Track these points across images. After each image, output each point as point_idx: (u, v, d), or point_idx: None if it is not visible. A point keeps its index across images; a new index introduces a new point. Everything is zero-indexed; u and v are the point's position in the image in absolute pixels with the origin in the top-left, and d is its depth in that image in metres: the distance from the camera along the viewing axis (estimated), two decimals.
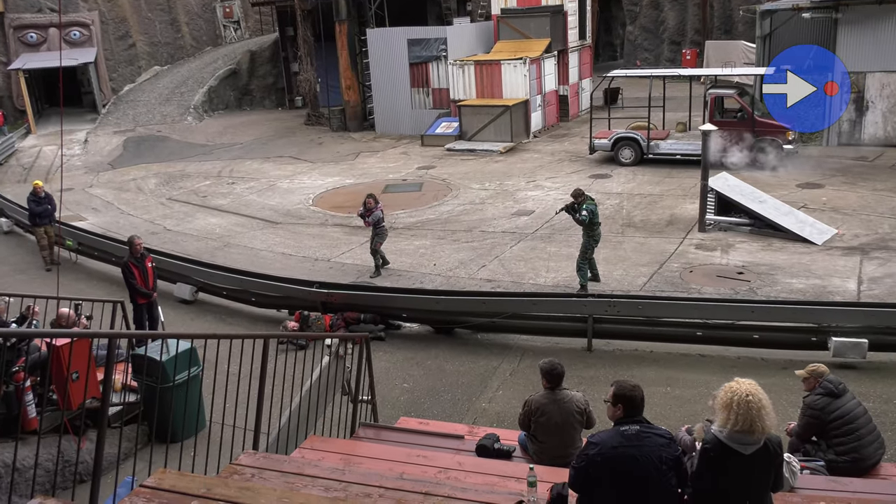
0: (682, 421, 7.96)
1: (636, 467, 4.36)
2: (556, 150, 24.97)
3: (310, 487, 4.97)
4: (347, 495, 4.86)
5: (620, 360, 10.85)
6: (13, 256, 17.44)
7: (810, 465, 6.51)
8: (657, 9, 41.26)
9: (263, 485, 4.81)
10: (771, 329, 10.64)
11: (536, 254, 15.21)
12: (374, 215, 14.36)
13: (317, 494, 4.80)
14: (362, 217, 14.65)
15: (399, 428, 7.68)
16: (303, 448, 6.52)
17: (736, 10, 36.73)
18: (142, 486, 4.37)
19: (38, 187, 16.17)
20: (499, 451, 6.74)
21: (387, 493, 4.93)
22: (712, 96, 20.82)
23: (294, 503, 4.24)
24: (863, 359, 10.01)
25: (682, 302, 11.27)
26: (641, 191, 19.36)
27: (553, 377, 6.59)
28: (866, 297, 12.13)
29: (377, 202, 14.54)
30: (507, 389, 10.14)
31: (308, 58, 33.76)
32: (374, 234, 14.55)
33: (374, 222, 14.39)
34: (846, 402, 6.73)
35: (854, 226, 15.56)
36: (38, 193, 16.07)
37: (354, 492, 4.92)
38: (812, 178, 19.33)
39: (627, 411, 4.55)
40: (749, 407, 4.22)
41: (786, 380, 9.01)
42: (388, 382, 10.36)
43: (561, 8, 28.62)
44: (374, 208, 14.40)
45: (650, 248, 15.03)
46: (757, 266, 13.77)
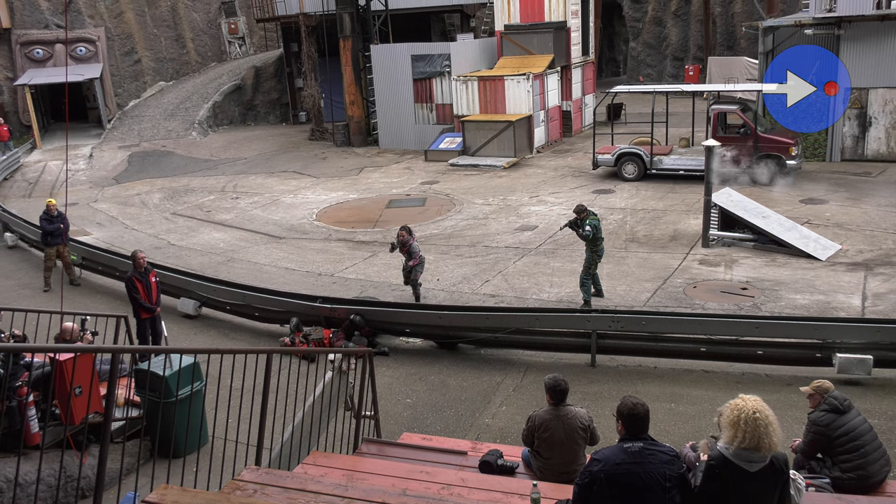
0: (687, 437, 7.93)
1: (640, 484, 4.33)
2: (560, 166, 25.02)
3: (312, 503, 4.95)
4: None
5: (624, 375, 10.82)
6: (18, 271, 17.47)
7: (816, 482, 6.47)
8: (660, 25, 41.45)
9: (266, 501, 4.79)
10: (775, 345, 10.59)
11: (540, 269, 15.21)
12: (413, 248, 13.63)
13: None
14: (399, 249, 13.78)
15: (402, 444, 7.65)
16: (305, 464, 6.50)
17: (739, 26, 36.88)
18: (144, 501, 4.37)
19: (51, 206, 15.81)
20: (502, 468, 6.71)
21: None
22: (715, 112, 20.87)
23: None
24: (868, 375, 9.97)
25: (686, 318, 11.21)
26: (645, 206, 19.37)
27: (557, 393, 6.57)
28: (871, 313, 12.10)
29: (411, 233, 13.78)
30: (511, 405, 10.10)
31: (312, 73, 33.97)
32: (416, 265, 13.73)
33: (411, 255, 13.63)
34: (851, 419, 6.69)
35: (858, 241, 15.54)
36: (51, 212, 15.70)
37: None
38: (815, 193, 19.33)
39: (630, 428, 4.53)
40: (757, 424, 4.20)
41: (790, 396, 8.98)
42: (391, 398, 10.33)
43: (564, 24, 28.79)
44: (409, 240, 13.64)
45: (654, 264, 15.02)
46: (761, 282, 13.74)
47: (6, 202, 23.31)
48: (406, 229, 13.83)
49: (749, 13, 35.75)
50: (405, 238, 13.68)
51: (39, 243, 17.04)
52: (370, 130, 31.89)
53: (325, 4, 31.48)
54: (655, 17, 41.50)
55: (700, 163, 18.45)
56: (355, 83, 30.98)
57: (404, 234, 13.70)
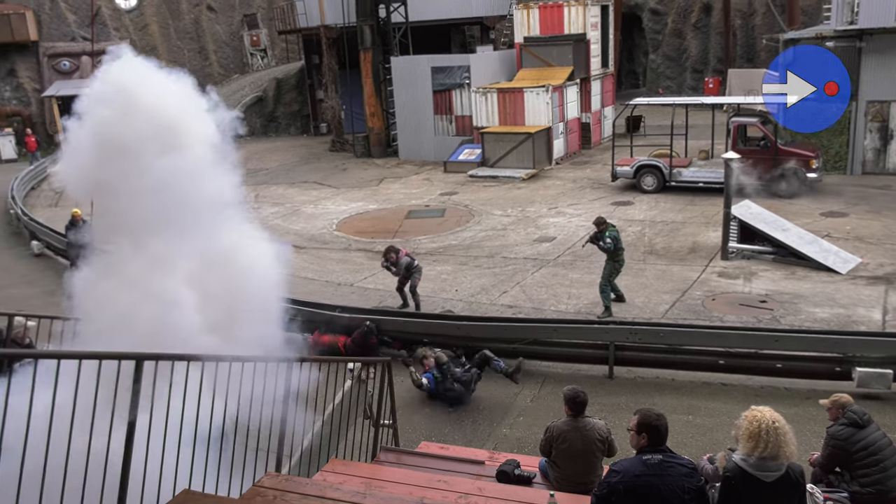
0: (704, 450, 7.90)
1: (658, 497, 4.33)
2: (579, 177, 24.99)
3: None
4: None
5: (642, 387, 10.79)
6: (43, 279, 17.68)
7: (834, 496, 6.43)
8: (680, 37, 41.32)
9: None
10: (794, 358, 10.54)
11: (558, 280, 15.19)
12: (401, 264, 13.76)
13: None
14: (388, 269, 14.06)
15: (420, 452, 7.68)
16: (325, 471, 6.54)
17: (759, 38, 36.72)
18: None
19: (76, 215, 15.84)
20: (519, 478, 6.72)
21: None
22: (735, 124, 20.78)
23: None
24: (887, 389, 9.89)
25: (705, 330, 11.19)
26: (664, 218, 19.31)
27: (576, 405, 6.59)
28: (891, 327, 11.98)
29: (397, 252, 13.80)
30: (528, 416, 10.11)
31: (333, 85, 34.20)
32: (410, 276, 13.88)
33: (406, 268, 13.77)
34: (871, 433, 6.65)
35: (878, 255, 15.39)
36: (76, 221, 15.75)
37: None
38: (836, 206, 19.18)
39: (652, 440, 4.53)
40: (777, 433, 4.24)
41: (809, 410, 8.92)
42: (409, 407, 10.36)
43: (584, 36, 28.78)
44: (398, 259, 13.74)
45: (672, 276, 14.96)
46: (780, 295, 13.65)
47: (33, 211, 23.63)
48: (392, 249, 13.84)
49: (770, 25, 35.55)
50: (393, 259, 13.75)
51: (64, 252, 17.24)
52: (390, 142, 32.03)
53: (345, 17, 31.71)
54: (675, 29, 41.39)
55: (719, 175, 18.35)
56: (375, 95, 31.15)
57: (392, 256, 13.74)
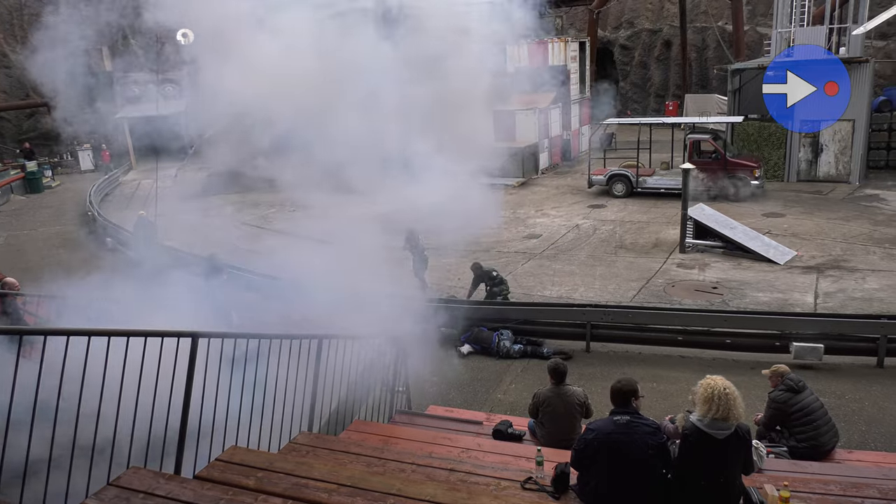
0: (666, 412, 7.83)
1: (627, 451, 4.31)
2: (560, 185, 24.87)
3: (355, 463, 4.97)
4: (385, 470, 4.84)
5: (614, 360, 10.74)
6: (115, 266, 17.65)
7: (775, 450, 6.39)
8: (645, 68, 41.36)
9: (316, 460, 4.81)
10: (741, 335, 10.51)
11: (543, 270, 15.12)
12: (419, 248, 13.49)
13: (360, 469, 4.79)
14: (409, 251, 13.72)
15: (429, 415, 7.65)
16: (349, 430, 6.52)
17: (711, 68, 36.66)
18: (217, 460, 4.40)
19: (142, 216, 15.79)
20: (512, 435, 6.69)
21: (418, 468, 4.90)
22: (691, 140, 20.66)
23: (341, 476, 4.24)
24: (819, 361, 9.85)
25: (666, 311, 11.17)
26: (631, 219, 19.21)
27: (558, 374, 6.56)
28: (822, 309, 11.91)
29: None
30: (519, 383, 10.07)
31: None
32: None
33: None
34: (805, 397, 6.62)
35: (811, 249, 15.30)
36: (143, 222, 15.66)
37: (391, 467, 4.90)
38: (775, 208, 19.08)
39: (618, 403, 4.56)
40: (728, 398, 4.21)
41: (753, 378, 8.85)
42: (420, 376, 10.30)
43: (564, 67, 28.72)
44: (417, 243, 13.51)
45: (639, 267, 14.88)
46: (729, 282, 13.57)
47: (108, 213, 23.64)
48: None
49: (720, 58, 35.42)
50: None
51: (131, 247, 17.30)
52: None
53: None
54: (641, 61, 41.36)
55: (678, 182, 18.25)
56: None
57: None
